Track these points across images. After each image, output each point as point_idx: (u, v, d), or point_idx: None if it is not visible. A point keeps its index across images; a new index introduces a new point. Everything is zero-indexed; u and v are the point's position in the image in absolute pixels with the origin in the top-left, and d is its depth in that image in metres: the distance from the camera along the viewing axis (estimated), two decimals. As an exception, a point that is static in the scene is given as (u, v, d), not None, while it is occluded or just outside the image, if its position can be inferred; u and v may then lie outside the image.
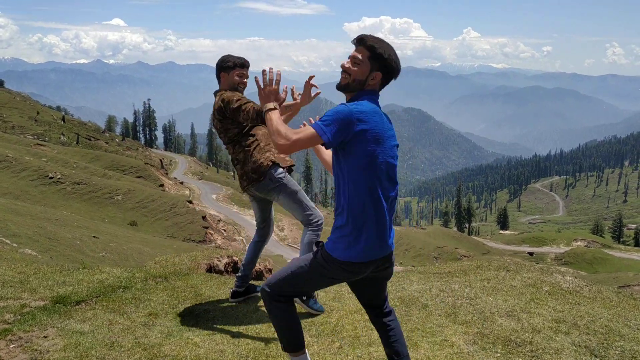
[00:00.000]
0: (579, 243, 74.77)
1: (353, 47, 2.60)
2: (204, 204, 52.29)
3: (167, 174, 65.55)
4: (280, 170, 4.00)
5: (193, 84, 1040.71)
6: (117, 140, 77.67)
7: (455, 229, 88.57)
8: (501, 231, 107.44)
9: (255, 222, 4.38)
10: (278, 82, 2.77)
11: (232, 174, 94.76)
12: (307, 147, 2.48)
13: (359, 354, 3.42)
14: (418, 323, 3.94)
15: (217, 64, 4.20)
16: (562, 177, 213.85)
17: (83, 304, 4.11)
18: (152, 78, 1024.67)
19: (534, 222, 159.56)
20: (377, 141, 2.46)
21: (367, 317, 3.68)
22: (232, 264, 5.49)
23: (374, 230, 2.52)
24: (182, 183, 62.02)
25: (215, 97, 4.17)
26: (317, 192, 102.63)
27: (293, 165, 4.21)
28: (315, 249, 2.67)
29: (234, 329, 3.83)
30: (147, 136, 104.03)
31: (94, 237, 20.75)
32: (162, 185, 52.89)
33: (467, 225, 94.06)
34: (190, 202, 45.04)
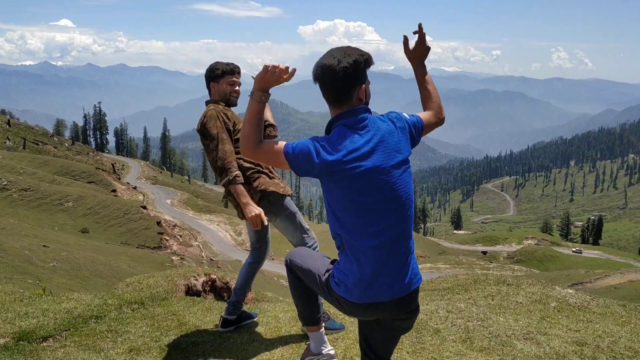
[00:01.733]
0: (529, 241, 76.97)
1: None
2: (158, 209, 51.39)
3: (119, 179, 63.92)
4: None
5: (145, 87, 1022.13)
6: (66, 144, 75.07)
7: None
8: (455, 231, 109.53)
9: (248, 243, 3.86)
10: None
11: (187, 178, 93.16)
12: (270, 162, 2.29)
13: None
14: (434, 351, 3.54)
15: (206, 74, 3.77)
16: (512, 177, 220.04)
17: (51, 339, 3.54)
18: (102, 80, 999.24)
19: (486, 222, 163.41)
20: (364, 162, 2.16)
21: None
22: (210, 282, 4.99)
23: (376, 267, 2.20)
24: (135, 188, 60.65)
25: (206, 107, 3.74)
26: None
27: (291, 195, 3.78)
28: (329, 265, 2.46)
29: None
30: (98, 140, 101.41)
31: (44, 246, 19.79)
32: (114, 191, 51.62)
33: (422, 225, 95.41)
34: (144, 207, 44.00)
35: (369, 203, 2.14)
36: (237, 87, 3.74)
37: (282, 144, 2.21)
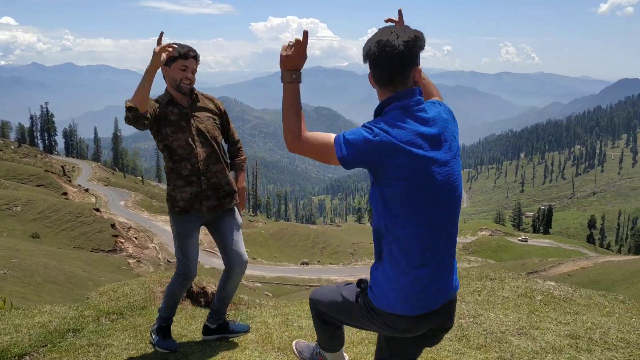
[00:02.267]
0: (484, 232, 78.59)
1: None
2: (112, 211, 50.22)
3: (70, 181, 62.13)
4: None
5: (94, 86, 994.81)
6: (12, 147, 72.26)
7: (368, 224, 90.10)
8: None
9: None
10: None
11: (140, 178, 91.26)
12: (318, 156, 2.01)
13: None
14: (432, 351, 3.46)
15: None
16: (465, 170, 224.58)
17: (27, 357, 3.26)
18: (48, 80, 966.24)
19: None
20: (407, 158, 1.93)
21: (374, 349, 3.18)
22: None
23: (411, 268, 1.98)
24: (87, 190, 59.07)
25: None
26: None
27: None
28: (357, 289, 2.18)
29: None
30: (46, 142, 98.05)
31: (-8, 253, 18.92)
32: (65, 194, 50.20)
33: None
34: (97, 210, 42.86)
35: (426, 194, 1.93)
36: (189, 74, 3.36)
37: (329, 134, 1.99)
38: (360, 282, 2.18)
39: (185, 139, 3.40)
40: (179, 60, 3.32)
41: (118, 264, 30.67)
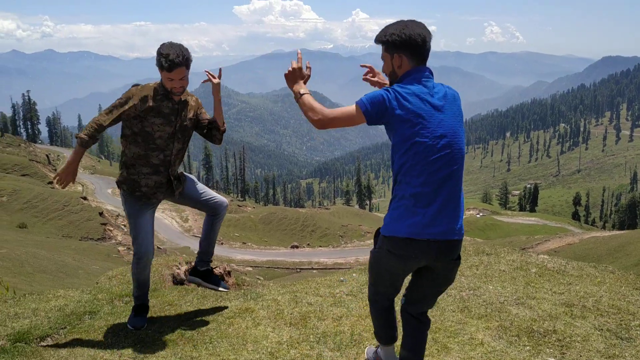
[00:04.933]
0: (471, 212, 79.17)
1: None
2: (99, 199, 50.02)
3: (55, 170, 61.48)
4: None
5: (76, 73, 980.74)
6: (-6, 136, 71.36)
7: (357, 206, 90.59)
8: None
9: (195, 229, 3.79)
10: (300, 60, 2.88)
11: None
12: (347, 122, 2.51)
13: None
14: (436, 322, 3.65)
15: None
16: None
17: (49, 339, 3.34)
18: (29, 68, 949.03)
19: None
20: (415, 119, 2.42)
21: None
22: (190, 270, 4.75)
23: (418, 206, 2.42)
24: (73, 179, 58.41)
25: None
26: (218, 180, 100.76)
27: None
28: (375, 239, 2.69)
29: (243, 351, 3.30)
30: (30, 131, 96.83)
31: (-19, 244, 18.81)
32: (51, 183, 49.68)
33: (368, 202, 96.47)
34: (85, 198, 42.75)
35: (424, 148, 2.40)
36: (176, 84, 3.44)
37: (351, 106, 2.50)
38: (377, 230, 2.63)
39: (169, 132, 3.56)
40: (164, 71, 3.38)
41: (108, 252, 30.63)
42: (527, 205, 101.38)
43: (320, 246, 46.15)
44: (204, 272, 4.02)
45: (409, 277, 2.73)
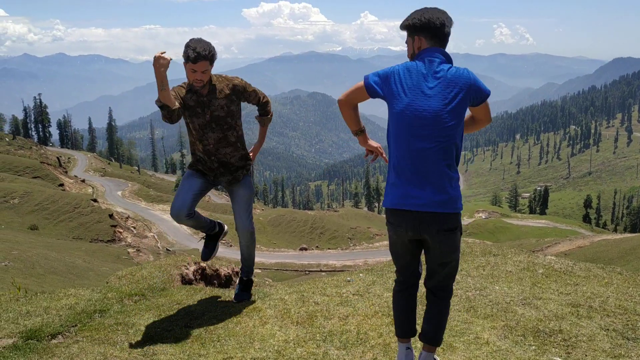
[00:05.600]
0: (480, 214, 78.86)
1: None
2: (109, 201, 50.27)
3: (66, 172, 62.04)
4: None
5: (87, 76, 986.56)
6: (6, 139, 71.95)
7: (365, 209, 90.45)
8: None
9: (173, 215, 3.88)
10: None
11: (137, 168, 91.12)
12: (358, 100, 2.89)
13: (399, 365, 3.01)
14: None
15: None
16: (461, 152, 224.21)
17: (60, 336, 3.40)
18: (41, 71, 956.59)
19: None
20: (403, 92, 2.63)
21: (388, 320, 3.65)
22: (199, 271, 4.83)
23: (398, 179, 2.65)
24: (83, 181, 59.06)
25: None
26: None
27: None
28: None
29: (250, 349, 3.34)
30: (41, 133, 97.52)
31: (-7, 245, 18.98)
32: (62, 185, 50.20)
33: (376, 204, 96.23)
34: (95, 200, 42.93)
35: (401, 123, 2.62)
36: (198, 77, 3.61)
37: (362, 86, 2.79)
38: None
39: (199, 124, 3.78)
40: (188, 63, 3.57)
41: (118, 254, 30.82)
42: (537, 208, 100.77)
43: (329, 248, 46.13)
44: (244, 282, 4.27)
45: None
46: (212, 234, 4.26)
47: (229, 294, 4.35)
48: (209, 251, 4.20)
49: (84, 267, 21.72)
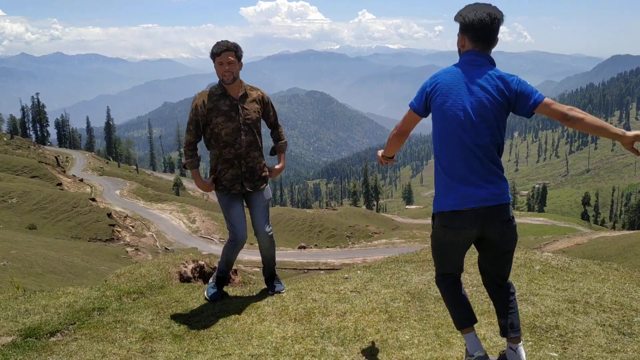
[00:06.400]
0: (479, 212, 78.68)
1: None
2: (107, 200, 50.30)
3: (64, 171, 62.02)
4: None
5: (85, 76, 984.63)
6: (4, 139, 71.90)
7: (364, 207, 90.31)
8: (407, 206, 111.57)
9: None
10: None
11: (135, 167, 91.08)
12: (408, 126, 2.93)
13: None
14: (439, 318, 3.71)
15: None
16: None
17: (59, 334, 3.43)
18: (38, 71, 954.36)
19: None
20: (444, 96, 2.68)
21: (386, 317, 3.67)
22: (198, 269, 4.85)
23: (452, 181, 2.67)
24: (82, 180, 59.03)
25: None
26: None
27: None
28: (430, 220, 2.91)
29: (248, 346, 3.37)
30: (39, 133, 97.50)
31: (-9, 245, 18.97)
32: (60, 184, 50.16)
33: (375, 202, 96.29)
34: (93, 199, 42.93)
35: (445, 124, 2.67)
36: (226, 68, 3.84)
37: (408, 110, 2.87)
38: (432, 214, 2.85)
39: (232, 127, 3.94)
40: (215, 58, 3.85)
41: (116, 253, 30.79)
42: (535, 206, 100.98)
43: (328, 247, 46.16)
44: (267, 279, 4.47)
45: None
46: (222, 277, 4.37)
47: (227, 291, 4.39)
48: (220, 295, 4.26)
49: (82, 266, 21.71)
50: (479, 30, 2.68)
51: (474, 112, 2.61)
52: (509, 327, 2.84)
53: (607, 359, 3.01)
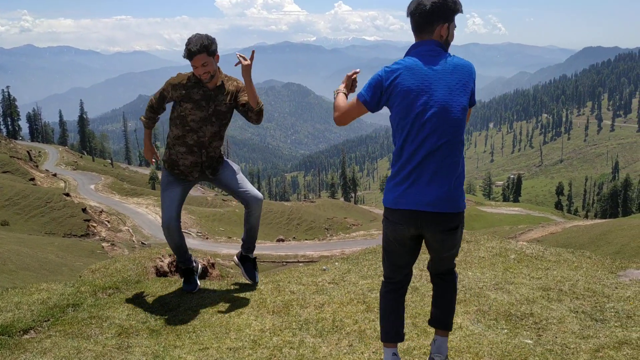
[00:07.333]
0: (455, 203, 79.46)
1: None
2: (82, 195, 49.54)
3: (37, 166, 60.93)
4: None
5: (56, 68, 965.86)
6: (-26, 133, 70.32)
7: (342, 199, 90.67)
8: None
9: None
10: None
11: (110, 161, 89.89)
12: (354, 114, 2.68)
13: (374, 350, 3.12)
14: (417, 308, 3.74)
15: None
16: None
17: (32, 331, 3.38)
18: (8, 63, 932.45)
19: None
20: (406, 94, 2.49)
21: (364, 307, 3.71)
22: (174, 263, 4.81)
23: (406, 180, 2.51)
24: (55, 175, 58.05)
25: None
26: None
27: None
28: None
29: (226, 339, 3.35)
30: (10, 127, 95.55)
31: (-38, 242, 18.59)
32: (32, 179, 49.34)
33: (353, 194, 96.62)
34: (67, 194, 42.31)
35: (407, 119, 2.50)
36: (202, 71, 3.76)
37: (354, 98, 2.65)
38: None
39: (200, 116, 3.91)
40: (190, 60, 3.74)
41: (92, 249, 30.42)
42: (510, 196, 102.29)
43: (306, 239, 46.18)
44: (244, 258, 4.38)
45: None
46: (188, 269, 4.26)
47: (204, 285, 4.36)
48: (192, 286, 4.19)
49: (57, 262, 21.41)
50: (439, 9, 2.51)
51: (431, 110, 2.50)
52: (438, 319, 2.80)
53: (580, 345, 3.06)
